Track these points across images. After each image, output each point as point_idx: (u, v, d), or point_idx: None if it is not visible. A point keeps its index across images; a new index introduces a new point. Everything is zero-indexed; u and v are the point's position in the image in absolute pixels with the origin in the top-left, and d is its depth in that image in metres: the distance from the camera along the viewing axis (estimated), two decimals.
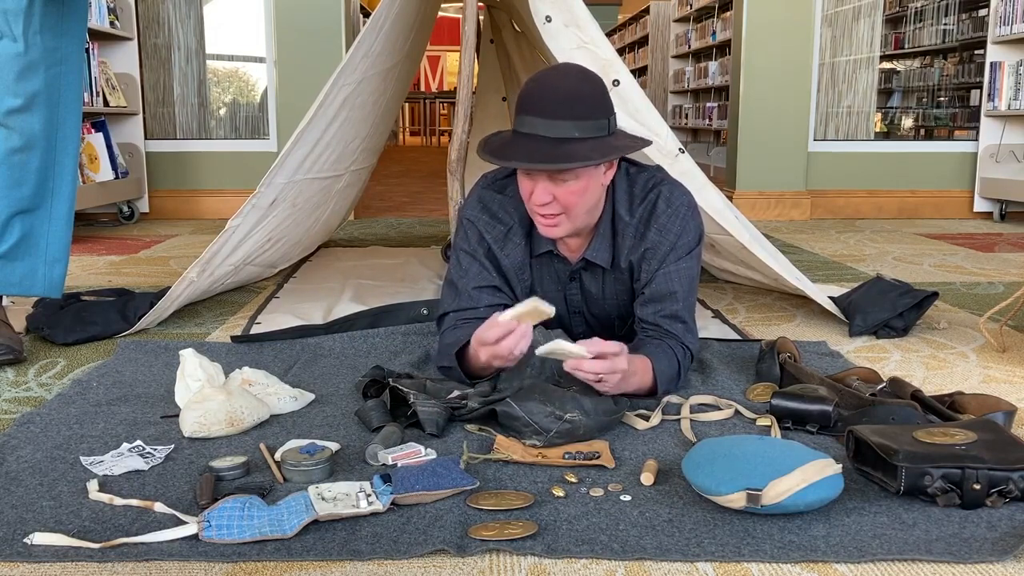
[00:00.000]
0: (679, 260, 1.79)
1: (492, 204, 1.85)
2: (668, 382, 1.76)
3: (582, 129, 1.62)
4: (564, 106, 1.62)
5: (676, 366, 1.77)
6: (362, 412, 1.63)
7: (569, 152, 1.60)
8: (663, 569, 1.13)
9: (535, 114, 1.63)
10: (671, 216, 1.78)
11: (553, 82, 1.65)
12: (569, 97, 1.63)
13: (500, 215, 1.84)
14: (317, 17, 4.74)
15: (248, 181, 4.49)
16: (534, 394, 1.55)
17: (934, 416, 1.62)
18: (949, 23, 5.85)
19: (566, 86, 1.64)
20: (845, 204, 5.08)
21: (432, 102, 14.28)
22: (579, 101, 1.63)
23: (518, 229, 1.84)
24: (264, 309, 2.60)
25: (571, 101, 1.63)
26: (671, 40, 9.73)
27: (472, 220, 1.86)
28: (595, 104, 1.65)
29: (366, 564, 1.14)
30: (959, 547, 1.17)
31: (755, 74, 4.88)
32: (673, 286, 1.79)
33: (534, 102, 1.64)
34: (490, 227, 1.84)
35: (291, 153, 2.37)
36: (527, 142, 1.63)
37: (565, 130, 1.62)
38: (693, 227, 1.81)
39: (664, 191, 1.80)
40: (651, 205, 1.79)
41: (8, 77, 1.96)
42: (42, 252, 2.11)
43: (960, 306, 2.71)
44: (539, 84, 1.66)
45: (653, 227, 1.79)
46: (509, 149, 1.65)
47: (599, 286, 1.88)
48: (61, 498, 1.31)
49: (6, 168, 2.01)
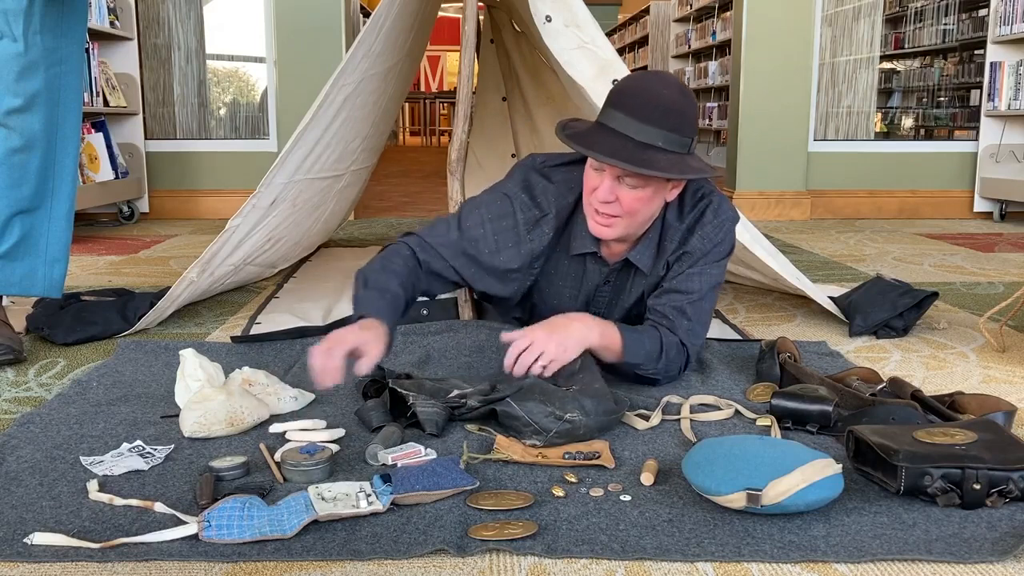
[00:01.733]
0: (707, 265, 1.80)
1: (535, 187, 1.83)
2: (642, 356, 1.75)
3: (668, 141, 1.63)
4: (658, 113, 1.63)
5: (657, 346, 1.76)
6: (362, 412, 1.64)
7: (650, 159, 1.61)
8: (663, 569, 1.13)
9: (627, 113, 1.64)
10: (717, 227, 1.80)
11: (653, 87, 1.66)
12: (665, 106, 1.63)
13: (540, 200, 1.82)
14: (317, 17, 4.74)
15: (248, 181, 4.49)
16: (534, 394, 1.55)
17: (934, 416, 1.62)
18: (949, 23, 5.85)
19: (665, 95, 1.64)
20: (845, 204, 5.08)
21: (432, 102, 14.28)
22: (673, 112, 1.64)
23: (552, 220, 1.82)
24: (264, 309, 2.60)
25: (666, 111, 1.63)
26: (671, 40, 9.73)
27: (510, 196, 1.83)
28: (686, 121, 1.66)
29: (366, 564, 1.14)
30: (959, 547, 1.17)
31: (755, 74, 4.88)
32: (693, 285, 1.79)
33: (629, 101, 1.65)
34: (526, 207, 1.82)
35: (291, 153, 2.37)
36: (612, 137, 1.63)
37: (652, 137, 1.62)
38: (730, 239, 1.84)
39: (714, 201, 1.81)
40: (700, 213, 1.81)
41: (8, 77, 1.96)
42: (42, 252, 2.11)
43: (960, 306, 2.71)
44: (638, 85, 1.67)
45: (697, 233, 1.80)
46: (593, 139, 1.64)
47: (628, 286, 1.88)
48: (61, 498, 1.31)
49: (6, 168, 2.01)
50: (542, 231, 1.82)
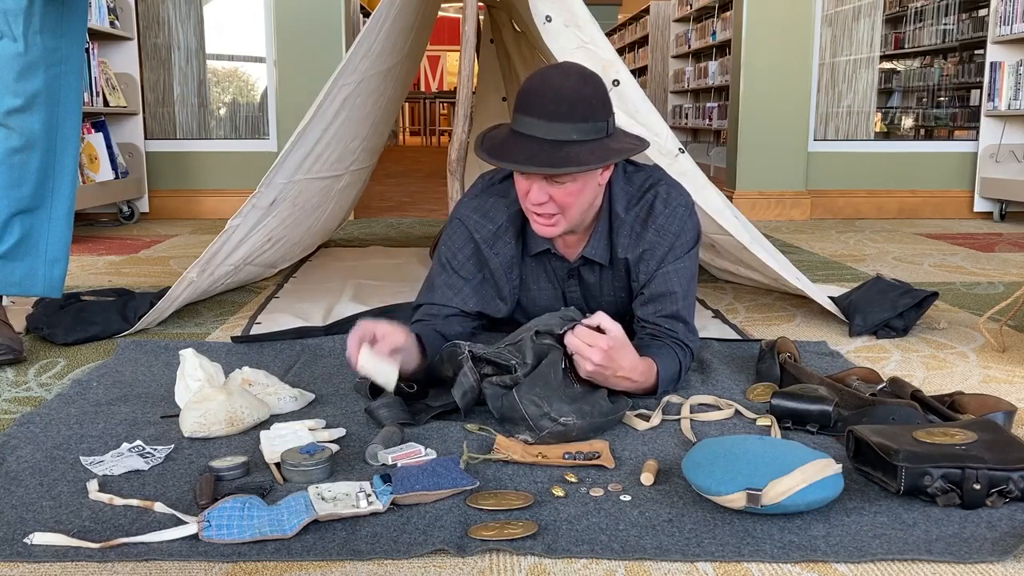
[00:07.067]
0: (677, 260, 1.80)
1: (486, 204, 1.86)
2: (669, 382, 1.76)
3: (581, 132, 1.62)
4: (564, 108, 1.61)
5: (677, 366, 1.78)
6: (372, 409, 1.63)
7: (567, 155, 1.60)
8: (663, 569, 1.13)
9: (535, 115, 1.63)
10: (669, 217, 1.79)
11: (554, 82, 1.64)
12: (570, 99, 1.62)
13: (491, 214, 1.85)
14: (317, 17, 4.74)
15: (248, 181, 4.49)
16: (536, 387, 1.54)
17: (934, 416, 1.62)
18: (949, 23, 5.85)
19: (567, 87, 1.63)
20: (845, 204, 5.08)
21: (432, 102, 14.28)
22: (579, 103, 1.62)
23: (508, 227, 1.84)
24: (264, 309, 2.60)
25: (571, 103, 1.62)
26: (671, 40, 9.73)
27: (462, 219, 1.87)
28: (595, 106, 1.64)
29: (366, 564, 1.14)
30: (959, 547, 1.17)
31: (755, 74, 4.88)
32: (672, 286, 1.79)
33: (534, 102, 1.63)
34: (480, 226, 1.85)
35: (291, 153, 2.37)
36: (526, 143, 1.62)
37: (564, 133, 1.61)
38: (691, 227, 1.81)
39: (661, 191, 1.80)
40: (648, 205, 1.80)
41: (8, 77, 1.96)
42: (42, 252, 2.10)
43: (960, 306, 2.70)
44: (540, 84, 1.65)
45: (651, 227, 1.79)
46: (507, 149, 1.64)
47: (598, 283, 1.89)
48: (61, 498, 1.31)
49: (6, 168, 2.01)
50: (504, 241, 1.85)
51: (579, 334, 1.58)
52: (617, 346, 1.60)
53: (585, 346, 1.57)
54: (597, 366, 1.58)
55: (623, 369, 1.63)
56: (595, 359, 1.57)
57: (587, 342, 1.57)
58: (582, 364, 1.59)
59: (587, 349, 1.57)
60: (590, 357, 1.57)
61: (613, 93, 2.17)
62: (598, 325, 1.59)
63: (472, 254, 1.87)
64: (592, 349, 1.57)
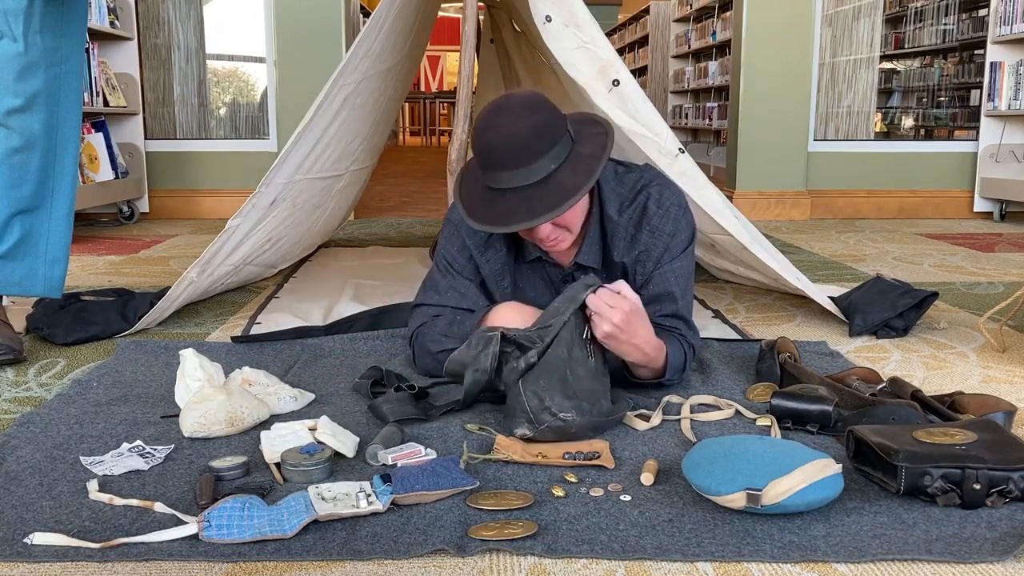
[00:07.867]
0: (673, 260, 1.80)
1: None
2: (675, 370, 1.76)
3: (555, 157, 1.61)
4: (532, 146, 1.59)
5: (683, 357, 1.78)
6: (375, 407, 1.63)
7: (558, 191, 1.59)
8: (663, 569, 1.13)
9: (509, 167, 1.60)
10: (662, 217, 1.78)
11: (509, 128, 1.60)
12: (533, 136, 1.59)
13: None
14: (317, 17, 4.74)
15: (248, 181, 4.49)
16: (541, 379, 1.53)
17: (934, 416, 1.62)
18: (949, 23, 5.85)
19: (524, 127, 1.59)
20: (845, 204, 5.08)
21: (432, 102, 14.28)
22: (542, 134, 1.60)
23: (500, 235, 1.84)
24: (264, 309, 2.60)
25: (536, 138, 1.59)
26: (671, 40, 9.73)
27: (456, 224, 1.87)
28: (553, 126, 1.62)
29: (366, 564, 1.14)
30: (959, 547, 1.17)
31: (755, 74, 4.88)
32: (670, 286, 1.80)
33: (502, 157, 1.60)
34: (472, 233, 1.85)
35: (291, 153, 2.37)
36: (514, 196, 1.61)
37: (543, 168, 1.60)
38: (685, 226, 1.81)
39: (654, 192, 1.80)
40: (641, 207, 1.79)
41: (8, 77, 1.96)
42: (42, 252, 2.11)
43: (960, 306, 2.71)
44: (496, 137, 1.61)
45: (645, 229, 1.79)
46: (502, 212, 1.62)
47: None
48: (61, 498, 1.31)
49: (6, 168, 2.01)
50: (495, 248, 1.85)
51: (601, 295, 1.58)
52: (636, 312, 1.60)
53: (606, 306, 1.57)
54: (615, 326, 1.57)
55: (638, 336, 1.62)
56: (615, 319, 1.57)
57: (608, 303, 1.58)
58: (600, 324, 1.58)
59: (608, 309, 1.57)
60: (609, 317, 1.57)
61: (613, 93, 2.18)
62: (619, 292, 1.60)
63: (470, 259, 1.87)
64: (613, 310, 1.57)
